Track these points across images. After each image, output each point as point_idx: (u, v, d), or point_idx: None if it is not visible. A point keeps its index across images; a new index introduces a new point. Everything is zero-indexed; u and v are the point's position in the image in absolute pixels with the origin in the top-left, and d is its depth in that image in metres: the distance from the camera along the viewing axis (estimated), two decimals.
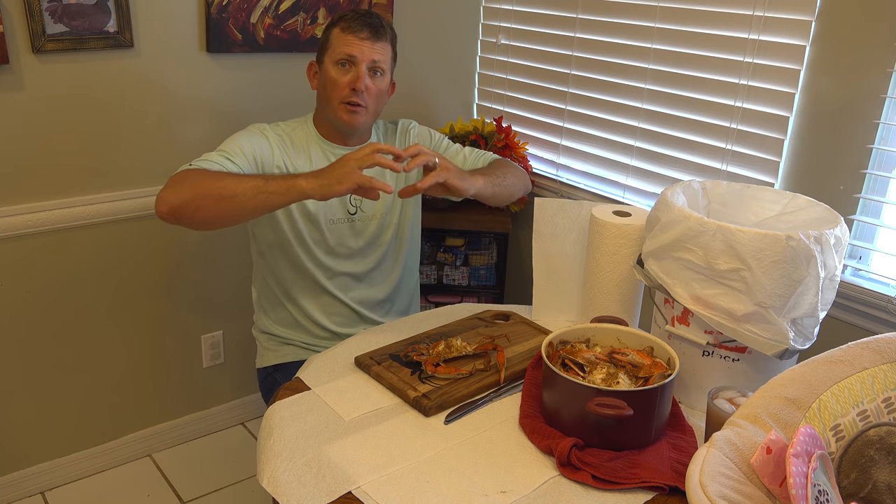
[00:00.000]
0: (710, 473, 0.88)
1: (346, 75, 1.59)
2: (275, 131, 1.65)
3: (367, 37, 1.58)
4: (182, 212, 1.39)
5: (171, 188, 1.41)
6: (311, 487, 1.03)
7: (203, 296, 2.26)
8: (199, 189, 1.38)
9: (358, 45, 1.58)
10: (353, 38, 1.58)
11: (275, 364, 1.77)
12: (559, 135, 2.36)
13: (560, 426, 1.14)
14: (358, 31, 1.58)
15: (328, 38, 1.62)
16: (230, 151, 1.53)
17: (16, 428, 2.04)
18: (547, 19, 2.32)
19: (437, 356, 1.33)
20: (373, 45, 1.59)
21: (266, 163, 1.59)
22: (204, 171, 1.43)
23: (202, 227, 1.44)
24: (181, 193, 1.38)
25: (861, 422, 0.98)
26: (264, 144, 1.60)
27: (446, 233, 2.43)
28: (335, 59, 1.60)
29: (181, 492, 2.16)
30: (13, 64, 1.77)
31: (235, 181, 1.38)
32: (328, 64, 1.61)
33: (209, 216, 1.40)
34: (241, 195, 1.36)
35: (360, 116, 1.62)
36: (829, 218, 1.26)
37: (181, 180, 1.41)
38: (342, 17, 1.61)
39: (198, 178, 1.40)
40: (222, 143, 1.57)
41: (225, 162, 1.50)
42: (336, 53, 1.59)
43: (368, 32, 1.59)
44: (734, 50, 1.85)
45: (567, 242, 1.54)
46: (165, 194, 1.40)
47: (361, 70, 1.58)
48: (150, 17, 1.93)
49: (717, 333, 1.22)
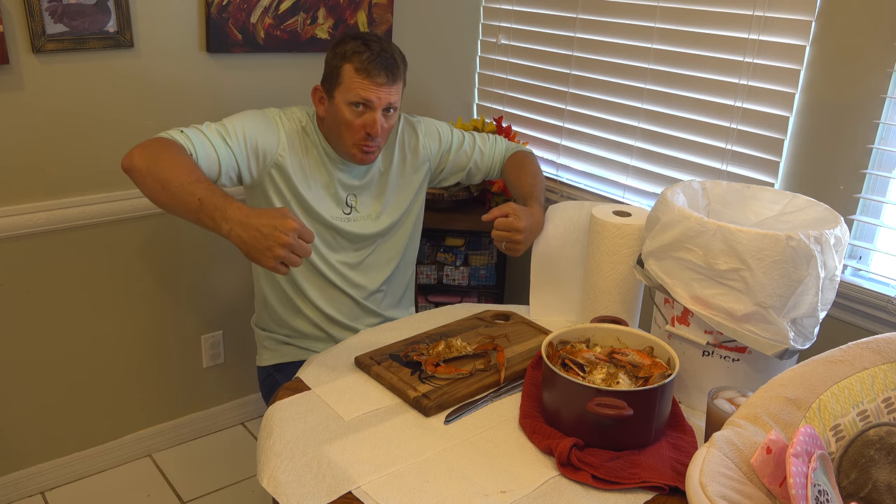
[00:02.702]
0: (710, 473, 0.88)
1: (360, 118, 1.54)
2: (289, 123, 1.61)
3: (384, 82, 1.53)
4: (133, 175, 1.39)
5: (143, 149, 1.39)
6: (311, 487, 1.03)
7: (203, 296, 2.26)
8: (154, 167, 1.36)
9: (375, 90, 1.52)
10: (370, 83, 1.52)
11: (275, 364, 1.77)
12: (559, 135, 2.36)
13: (560, 426, 1.14)
14: (375, 75, 1.52)
15: (340, 73, 1.54)
16: (230, 131, 1.51)
17: (16, 428, 2.04)
18: (547, 19, 2.32)
19: (437, 356, 1.33)
20: (389, 89, 1.54)
21: (268, 153, 1.56)
22: (173, 151, 1.39)
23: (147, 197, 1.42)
24: (142, 160, 1.37)
25: (861, 422, 0.98)
26: (273, 134, 1.57)
27: (446, 233, 2.43)
28: (349, 101, 1.53)
29: (181, 492, 2.16)
30: (13, 64, 1.77)
31: (185, 182, 1.33)
32: (340, 102, 1.55)
33: (149, 195, 1.39)
34: (178, 203, 1.33)
35: (374, 155, 1.61)
36: (829, 218, 1.26)
37: (154, 146, 1.40)
38: (356, 52, 1.52)
39: (163, 155, 1.38)
40: (231, 117, 1.55)
41: (218, 141, 1.48)
42: (350, 95, 1.53)
43: (385, 77, 1.53)
44: (734, 50, 1.85)
45: (567, 242, 1.54)
46: (135, 151, 1.39)
47: (377, 116, 1.54)
48: (150, 17, 1.93)
49: (717, 333, 1.22)
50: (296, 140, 1.62)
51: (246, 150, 1.53)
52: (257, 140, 1.54)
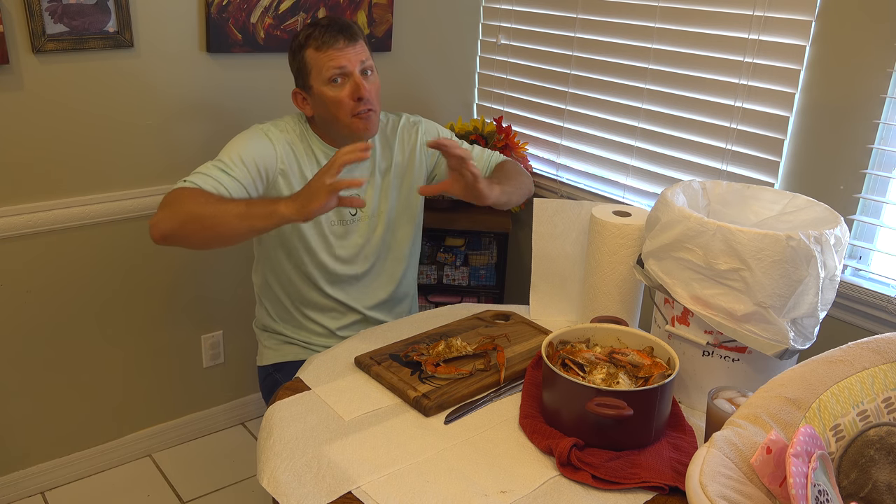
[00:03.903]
0: (710, 473, 0.88)
1: (343, 89, 1.56)
2: (281, 134, 1.61)
3: (344, 45, 1.55)
4: (174, 239, 1.41)
5: (163, 212, 1.41)
6: (311, 487, 1.03)
7: (203, 296, 2.26)
8: (187, 216, 1.39)
9: (340, 56, 1.54)
10: (333, 51, 1.54)
11: (275, 363, 1.77)
12: (559, 135, 2.36)
13: (560, 426, 1.14)
14: (333, 43, 1.54)
15: (304, 62, 1.57)
16: (228, 163, 1.51)
17: (16, 428, 2.04)
18: (547, 19, 2.32)
19: (437, 356, 1.33)
20: (354, 49, 1.56)
21: (269, 168, 1.57)
22: (192, 195, 1.41)
23: (197, 249, 1.44)
24: (171, 220, 1.40)
25: (861, 422, 0.98)
26: (267, 148, 1.57)
27: (446, 233, 2.43)
28: (326, 78, 1.55)
29: (181, 492, 2.16)
30: (13, 64, 1.77)
31: (220, 208, 1.38)
32: (319, 86, 1.56)
33: (199, 241, 1.44)
34: (225, 223, 1.37)
35: (374, 119, 1.61)
36: (829, 218, 1.26)
37: (172, 203, 1.41)
38: (309, 36, 1.56)
39: (186, 203, 1.40)
40: (222, 150, 1.55)
41: (221, 176, 1.48)
42: (324, 72, 1.55)
43: (344, 40, 1.55)
44: (734, 50, 1.85)
45: (567, 242, 1.54)
46: (158, 219, 1.41)
47: (357, 78, 1.56)
48: (150, 17, 1.93)
49: (717, 333, 1.22)
50: (291, 148, 1.61)
51: (248, 173, 1.53)
52: (255, 160, 1.55)
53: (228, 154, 1.53)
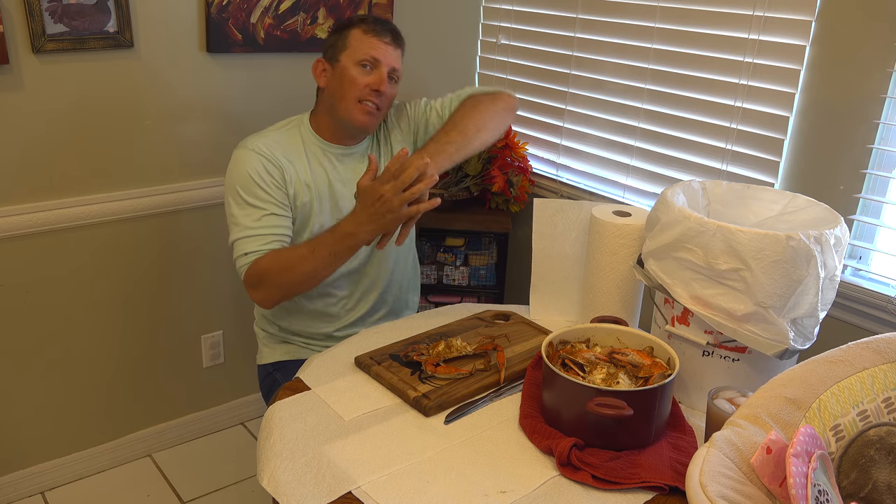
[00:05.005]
0: (710, 473, 0.88)
1: (367, 76, 1.59)
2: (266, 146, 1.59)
3: (390, 42, 1.60)
4: (282, 303, 1.58)
5: (261, 292, 1.52)
6: (311, 487, 1.03)
7: (203, 296, 2.26)
8: (286, 288, 1.52)
9: (383, 48, 1.59)
10: (378, 41, 1.59)
11: (275, 362, 1.77)
12: (559, 135, 2.36)
13: (560, 426, 1.14)
14: (382, 34, 1.60)
15: (346, 38, 1.61)
16: (266, 207, 1.55)
17: (16, 428, 2.04)
18: (547, 19, 2.32)
19: (437, 356, 1.33)
20: (394, 51, 1.61)
21: (276, 175, 1.57)
22: (273, 264, 1.49)
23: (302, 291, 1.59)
24: (274, 295, 1.53)
25: (861, 422, 0.98)
26: (270, 167, 1.57)
27: (446, 233, 2.43)
28: (357, 60, 1.58)
29: (181, 492, 2.16)
30: (13, 64, 1.77)
31: (307, 265, 1.47)
32: (347, 63, 1.59)
33: (301, 291, 1.58)
34: (318, 274, 1.50)
35: (375, 118, 1.62)
36: (829, 218, 1.26)
37: (263, 280, 1.50)
38: (362, 20, 1.62)
39: (274, 275, 1.50)
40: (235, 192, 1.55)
41: (266, 223, 1.54)
42: (358, 54, 1.59)
43: (391, 38, 1.61)
44: (734, 50, 1.85)
45: (567, 243, 1.54)
46: (261, 299, 1.53)
47: (384, 73, 1.59)
48: (150, 17, 1.93)
49: (717, 333, 1.22)
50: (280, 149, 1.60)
51: (273, 197, 1.57)
52: (274, 181, 1.57)
53: (259, 202, 1.55)
